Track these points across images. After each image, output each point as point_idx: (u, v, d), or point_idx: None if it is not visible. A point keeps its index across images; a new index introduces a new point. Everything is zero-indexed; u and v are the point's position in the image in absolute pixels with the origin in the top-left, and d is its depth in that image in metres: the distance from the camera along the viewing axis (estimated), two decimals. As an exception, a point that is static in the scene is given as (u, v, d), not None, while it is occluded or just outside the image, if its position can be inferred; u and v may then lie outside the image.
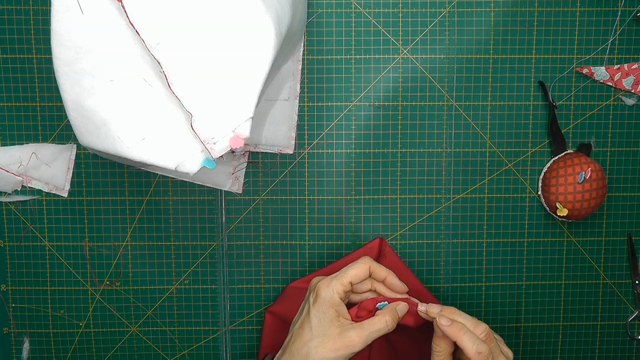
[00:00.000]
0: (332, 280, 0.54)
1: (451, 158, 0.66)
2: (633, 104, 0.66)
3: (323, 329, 0.52)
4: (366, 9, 0.64)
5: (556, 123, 0.65)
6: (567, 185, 0.62)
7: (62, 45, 0.49)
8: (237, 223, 0.67)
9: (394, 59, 0.64)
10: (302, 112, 0.65)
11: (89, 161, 0.66)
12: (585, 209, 0.63)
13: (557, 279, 0.68)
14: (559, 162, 0.64)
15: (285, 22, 0.52)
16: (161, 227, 0.67)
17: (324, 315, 0.53)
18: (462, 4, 0.64)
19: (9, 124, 0.65)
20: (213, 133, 0.49)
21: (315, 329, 0.52)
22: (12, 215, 0.66)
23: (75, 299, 0.68)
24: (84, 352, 0.68)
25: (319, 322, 0.53)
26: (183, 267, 0.67)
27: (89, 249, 0.67)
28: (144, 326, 0.68)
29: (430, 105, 0.65)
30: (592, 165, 0.62)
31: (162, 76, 0.49)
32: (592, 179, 0.62)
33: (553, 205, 0.64)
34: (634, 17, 0.64)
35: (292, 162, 0.66)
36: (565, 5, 0.64)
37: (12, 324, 0.68)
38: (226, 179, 0.65)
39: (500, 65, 0.65)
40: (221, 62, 0.49)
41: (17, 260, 0.67)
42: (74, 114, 0.50)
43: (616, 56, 0.65)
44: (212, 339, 0.69)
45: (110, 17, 0.48)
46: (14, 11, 0.63)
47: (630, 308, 0.69)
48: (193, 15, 0.49)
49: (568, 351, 0.69)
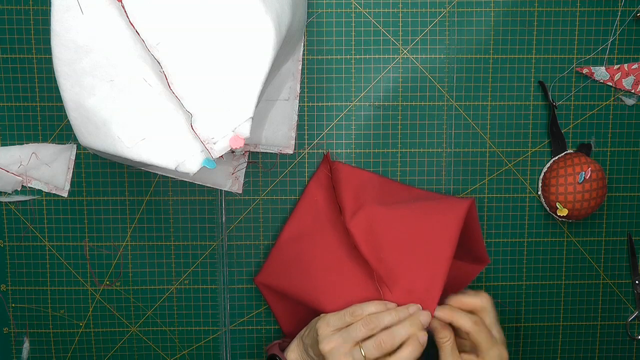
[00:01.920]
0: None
1: (451, 158, 0.66)
2: (633, 104, 0.66)
3: None
4: (366, 9, 0.64)
5: (556, 123, 0.65)
6: (567, 185, 0.62)
7: (62, 45, 0.49)
8: (237, 223, 0.67)
9: (394, 59, 0.64)
10: (302, 112, 0.65)
11: (89, 161, 0.66)
12: (585, 209, 0.63)
13: (557, 279, 0.68)
14: (559, 162, 0.64)
15: (285, 22, 0.52)
16: (161, 227, 0.67)
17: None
18: (462, 4, 0.64)
19: (9, 124, 0.65)
20: (213, 133, 0.49)
21: None
22: (12, 215, 0.66)
23: (75, 299, 0.68)
24: (84, 352, 0.68)
25: None
26: (183, 267, 0.67)
27: (89, 249, 0.67)
28: (144, 326, 0.68)
29: (430, 105, 0.65)
30: (592, 165, 0.62)
31: (162, 76, 0.49)
32: (592, 179, 0.62)
33: (553, 205, 0.64)
34: (634, 17, 0.64)
35: (292, 162, 0.66)
36: (565, 5, 0.64)
37: (12, 324, 0.68)
38: (226, 179, 0.65)
39: (500, 65, 0.65)
40: (221, 62, 0.49)
41: (17, 260, 0.67)
42: (74, 114, 0.50)
43: (616, 56, 0.65)
44: (212, 339, 0.69)
45: (110, 17, 0.48)
46: (14, 11, 0.63)
47: (630, 308, 0.69)
48: (193, 15, 0.49)
49: (568, 351, 0.69)
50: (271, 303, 0.66)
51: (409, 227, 0.59)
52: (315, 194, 0.64)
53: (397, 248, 0.59)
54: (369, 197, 0.62)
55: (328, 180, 0.65)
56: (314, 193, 0.64)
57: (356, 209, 0.61)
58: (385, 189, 0.64)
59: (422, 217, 0.60)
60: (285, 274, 0.63)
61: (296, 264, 0.62)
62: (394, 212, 0.60)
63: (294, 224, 0.64)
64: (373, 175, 0.64)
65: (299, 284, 0.62)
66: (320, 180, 0.64)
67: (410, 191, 0.65)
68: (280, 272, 0.64)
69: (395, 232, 0.59)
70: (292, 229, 0.64)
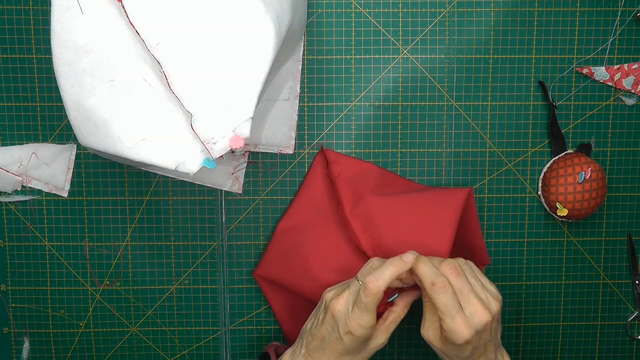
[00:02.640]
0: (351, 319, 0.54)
1: (451, 158, 0.66)
2: (633, 104, 0.66)
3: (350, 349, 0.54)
4: (366, 9, 0.64)
5: (556, 123, 0.65)
6: (567, 185, 0.62)
7: (62, 45, 0.49)
8: (237, 223, 0.67)
9: (394, 59, 0.64)
10: (302, 112, 0.65)
11: (89, 161, 0.66)
12: (585, 209, 0.63)
13: (557, 279, 0.68)
14: (559, 162, 0.64)
15: (285, 22, 0.52)
16: (161, 227, 0.67)
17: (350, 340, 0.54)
18: (462, 4, 0.64)
19: (9, 124, 0.65)
20: (213, 133, 0.49)
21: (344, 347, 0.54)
22: (12, 215, 0.66)
23: (75, 299, 0.68)
24: (84, 352, 0.68)
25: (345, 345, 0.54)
26: (183, 267, 0.67)
27: (89, 249, 0.67)
28: (144, 326, 0.68)
29: (430, 105, 0.65)
30: (592, 165, 0.62)
31: (162, 76, 0.49)
32: (592, 179, 0.62)
33: (553, 205, 0.64)
34: (634, 17, 0.64)
35: (292, 162, 0.66)
36: (565, 5, 0.64)
37: (12, 324, 0.68)
38: (226, 179, 0.65)
39: (500, 65, 0.65)
40: (221, 62, 0.49)
41: (17, 260, 0.67)
42: (74, 114, 0.50)
43: (616, 56, 0.65)
44: (212, 339, 0.69)
45: (110, 17, 0.48)
46: (14, 11, 0.63)
47: (630, 308, 0.69)
48: (193, 15, 0.49)
49: (568, 351, 0.69)
50: (270, 298, 0.66)
51: (407, 216, 0.60)
52: (312, 186, 0.64)
53: (396, 237, 0.60)
54: (368, 188, 0.63)
55: (324, 173, 0.65)
56: (311, 186, 0.65)
57: (356, 200, 0.62)
58: (385, 180, 0.64)
59: (421, 206, 0.60)
60: (283, 266, 0.64)
61: (293, 255, 0.63)
62: (392, 201, 0.61)
63: (291, 216, 0.65)
64: (372, 166, 0.65)
65: (297, 274, 0.62)
66: (316, 173, 0.65)
67: (409, 184, 0.65)
68: (279, 264, 0.64)
69: (394, 221, 0.60)
70: (289, 221, 0.65)
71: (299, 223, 0.64)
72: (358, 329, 0.52)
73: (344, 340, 0.53)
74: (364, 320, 0.52)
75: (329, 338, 0.54)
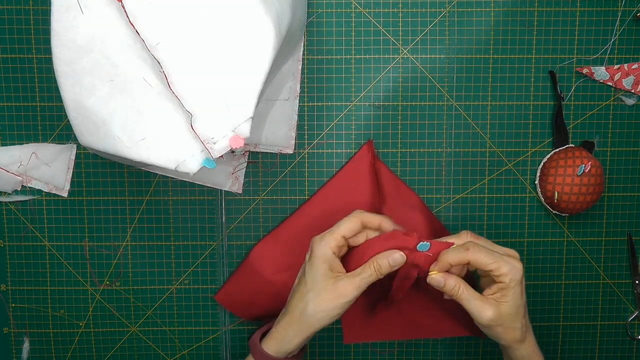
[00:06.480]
0: (325, 236, 0.55)
1: (451, 158, 0.66)
2: (633, 104, 0.66)
3: (317, 283, 0.54)
4: (366, 9, 0.64)
5: (561, 115, 0.65)
6: (566, 176, 0.62)
7: (62, 45, 0.49)
8: (237, 223, 0.67)
9: (394, 59, 0.64)
10: (302, 112, 0.65)
11: (89, 161, 0.66)
12: (580, 203, 0.63)
13: (557, 278, 0.68)
14: (560, 154, 0.64)
15: (285, 22, 0.52)
16: (161, 227, 0.67)
17: (317, 271, 0.54)
18: (462, 4, 0.64)
19: (9, 124, 0.65)
20: (213, 133, 0.49)
21: (309, 283, 0.55)
22: (12, 215, 0.66)
23: (75, 299, 0.68)
24: (84, 352, 0.68)
25: (313, 277, 0.54)
26: (183, 267, 0.67)
27: (89, 249, 0.67)
28: (144, 326, 0.68)
29: (430, 105, 0.65)
30: (593, 160, 0.62)
31: (162, 76, 0.49)
32: (591, 174, 0.62)
33: (548, 195, 0.64)
34: (634, 17, 0.64)
35: (292, 162, 0.66)
36: (565, 5, 0.64)
37: (12, 324, 0.68)
38: (226, 179, 0.65)
39: (500, 65, 0.65)
40: (221, 62, 0.49)
41: (17, 260, 0.67)
42: (74, 114, 0.50)
43: (616, 56, 0.65)
44: (212, 339, 0.69)
45: (110, 17, 0.48)
46: (14, 11, 0.63)
47: (630, 308, 0.69)
48: (193, 15, 0.49)
49: (568, 351, 0.69)
50: (240, 315, 0.67)
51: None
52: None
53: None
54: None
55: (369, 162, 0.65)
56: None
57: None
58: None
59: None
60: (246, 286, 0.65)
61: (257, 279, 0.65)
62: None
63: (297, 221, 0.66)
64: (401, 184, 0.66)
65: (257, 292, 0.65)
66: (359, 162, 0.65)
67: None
68: (242, 286, 0.66)
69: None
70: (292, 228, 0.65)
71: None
72: (317, 247, 0.54)
73: (306, 267, 0.55)
74: (326, 238, 0.54)
75: (302, 279, 0.56)
